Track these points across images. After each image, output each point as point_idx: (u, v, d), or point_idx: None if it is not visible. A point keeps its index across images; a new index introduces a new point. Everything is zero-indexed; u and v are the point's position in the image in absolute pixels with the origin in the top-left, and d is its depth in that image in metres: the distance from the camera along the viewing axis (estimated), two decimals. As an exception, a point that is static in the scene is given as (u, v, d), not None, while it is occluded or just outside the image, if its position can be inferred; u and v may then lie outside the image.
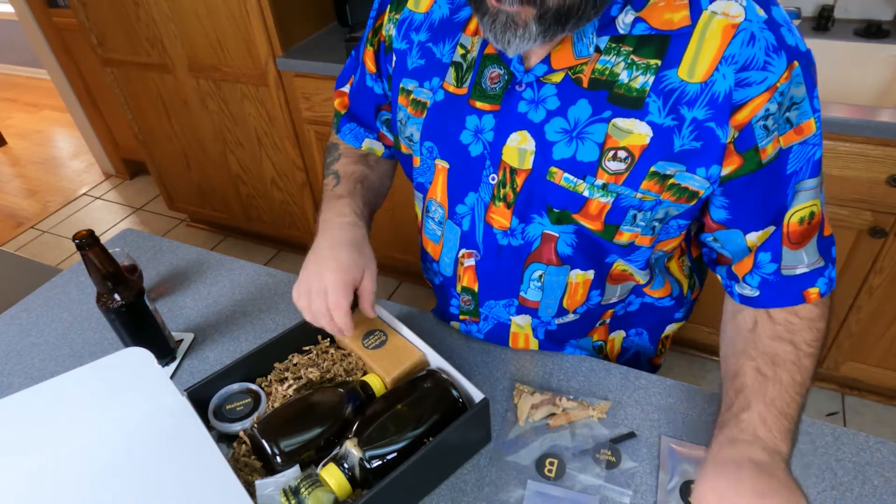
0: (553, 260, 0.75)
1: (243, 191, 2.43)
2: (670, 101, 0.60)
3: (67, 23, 2.67)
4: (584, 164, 0.65)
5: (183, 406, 0.74)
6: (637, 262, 0.76)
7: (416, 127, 0.77)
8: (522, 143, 0.68)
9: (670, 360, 1.96)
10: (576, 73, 0.64)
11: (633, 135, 0.62)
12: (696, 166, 0.62)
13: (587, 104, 0.64)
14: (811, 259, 0.68)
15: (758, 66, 0.57)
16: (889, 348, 1.59)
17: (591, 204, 0.67)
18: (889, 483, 0.69)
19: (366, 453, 0.67)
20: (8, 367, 0.94)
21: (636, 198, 0.65)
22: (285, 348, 0.83)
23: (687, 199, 0.66)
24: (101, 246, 0.80)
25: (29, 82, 4.70)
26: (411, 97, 0.77)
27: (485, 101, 0.70)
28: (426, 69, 0.75)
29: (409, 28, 0.76)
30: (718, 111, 0.59)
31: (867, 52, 1.57)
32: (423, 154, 0.78)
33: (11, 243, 2.95)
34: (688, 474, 0.70)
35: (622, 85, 0.62)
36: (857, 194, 1.37)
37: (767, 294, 0.70)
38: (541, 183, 0.69)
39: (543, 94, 0.66)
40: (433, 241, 0.85)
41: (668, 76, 0.60)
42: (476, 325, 0.89)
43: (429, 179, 0.80)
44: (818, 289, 0.69)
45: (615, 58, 0.62)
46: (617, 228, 0.69)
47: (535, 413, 0.78)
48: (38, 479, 0.70)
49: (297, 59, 1.87)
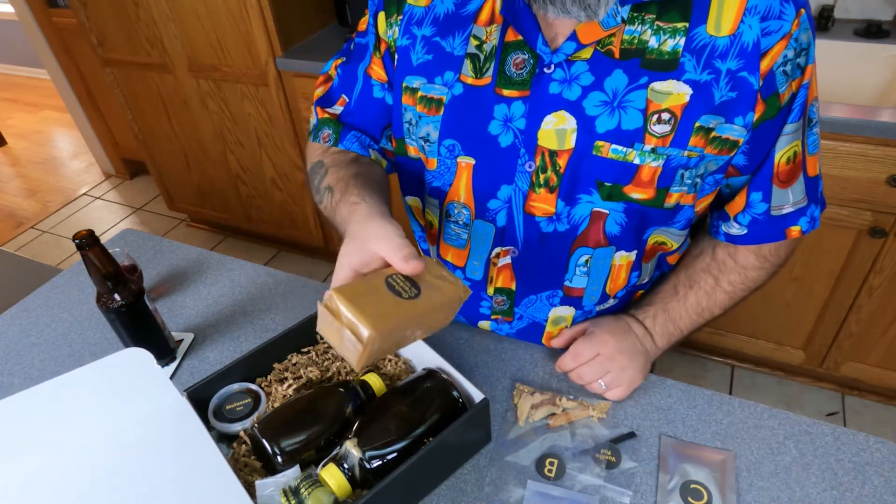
0: (601, 241, 0.76)
1: (243, 191, 2.43)
2: (703, 56, 0.63)
3: (67, 23, 2.67)
4: (630, 132, 0.66)
5: (183, 406, 0.74)
6: (679, 223, 0.77)
7: (433, 126, 0.75)
8: (560, 124, 0.68)
9: (670, 360, 1.96)
10: (605, 47, 0.65)
11: (673, 95, 0.64)
12: (734, 115, 0.64)
13: (622, 73, 0.65)
14: (796, 198, 0.73)
15: (774, 15, 0.61)
16: (889, 348, 1.59)
17: (642, 171, 0.68)
18: (889, 483, 0.69)
19: (366, 453, 0.67)
20: (8, 367, 0.94)
21: (684, 155, 0.67)
22: (285, 348, 0.83)
23: (728, 150, 0.67)
24: (101, 246, 0.80)
25: (29, 82, 4.70)
26: (419, 95, 0.75)
27: (512, 88, 0.69)
28: (435, 64, 0.73)
29: (409, 23, 0.74)
30: (749, 60, 0.62)
31: (867, 52, 1.57)
32: (442, 154, 0.76)
33: (11, 243, 2.95)
34: (688, 474, 0.70)
35: (653, 50, 0.64)
36: (857, 194, 1.37)
37: (753, 232, 0.76)
38: (587, 159, 0.69)
39: (575, 72, 0.66)
40: (457, 246, 0.84)
41: (699, 33, 0.62)
42: (509, 325, 0.89)
43: (448, 181, 0.78)
44: (800, 227, 0.75)
45: (640, 26, 0.64)
46: (667, 191, 0.70)
47: (535, 413, 0.78)
48: (38, 479, 0.70)
49: (297, 59, 1.87)
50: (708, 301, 0.81)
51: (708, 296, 0.81)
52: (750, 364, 1.91)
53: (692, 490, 0.69)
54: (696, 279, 0.81)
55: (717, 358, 1.95)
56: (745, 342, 1.77)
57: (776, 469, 0.71)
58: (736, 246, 0.79)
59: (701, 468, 0.71)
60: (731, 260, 0.79)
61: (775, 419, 0.76)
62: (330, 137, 0.84)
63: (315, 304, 0.98)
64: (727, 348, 1.83)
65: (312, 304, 0.99)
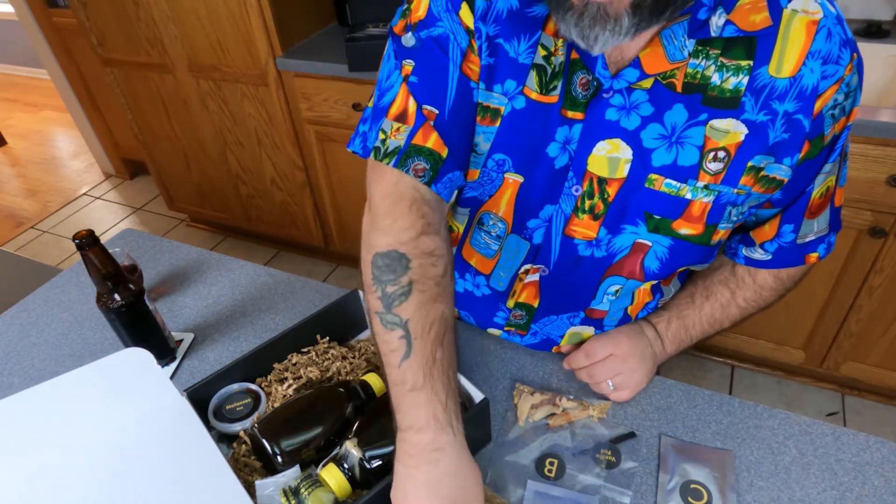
0: (635, 273, 0.75)
1: (243, 191, 2.43)
2: (762, 96, 0.62)
3: (67, 23, 2.67)
4: (686, 168, 0.65)
5: (183, 406, 0.74)
6: (710, 260, 0.78)
7: (485, 137, 0.70)
8: (614, 152, 0.66)
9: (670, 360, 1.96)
10: (667, 79, 0.62)
11: (731, 134, 0.63)
12: (784, 156, 0.64)
13: (683, 108, 0.63)
14: (820, 227, 0.73)
15: (833, 60, 0.60)
16: (889, 348, 1.59)
17: (693, 206, 0.67)
18: (889, 483, 0.69)
19: (366, 453, 0.67)
20: (8, 367, 0.94)
21: (734, 193, 0.66)
22: (285, 348, 0.83)
23: (773, 188, 0.67)
24: (101, 246, 0.80)
25: (29, 82, 4.70)
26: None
27: (576, 110, 0.66)
28: (497, 69, 0.66)
29: (475, 17, 0.64)
30: (806, 103, 0.61)
31: (867, 52, 1.56)
32: (489, 166, 0.72)
33: (11, 243, 2.95)
34: (688, 474, 0.70)
35: (715, 87, 0.62)
36: (857, 194, 1.37)
37: (777, 259, 0.75)
38: (638, 191, 0.67)
39: (635, 101, 0.64)
40: (484, 255, 0.81)
41: (761, 73, 0.61)
42: (521, 337, 0.87)
43: (489, 192, 0.74)
44: (817, 253, 0.75)
45: (705, 61, 0.61)
46: (715, 228, 0.70)
47: (535, 413, 0.78)
48: (38, 479, 0.70)
49: (297, 59, 1.87)
50: (721, 314, 0.81)
51: (723, 308, 0.81)
52: (750, 364, 1.91)
53: (692, 490, 0.69)
54: (713, 291, 0.81)
55: (717, 358, 1.95)
56: (745, 342, 1.77)
57: (776, 469, 0.71)
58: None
59: (701, 468, 0.71)
60: (749, 278, 0.79)
61: (775, 419, 0.76)
62: (425, 173, 0.66)
63: (314, 304, 0.98)
64: (727, 348, 1.83)
65: (312, 304, 0.99)
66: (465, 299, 0.89)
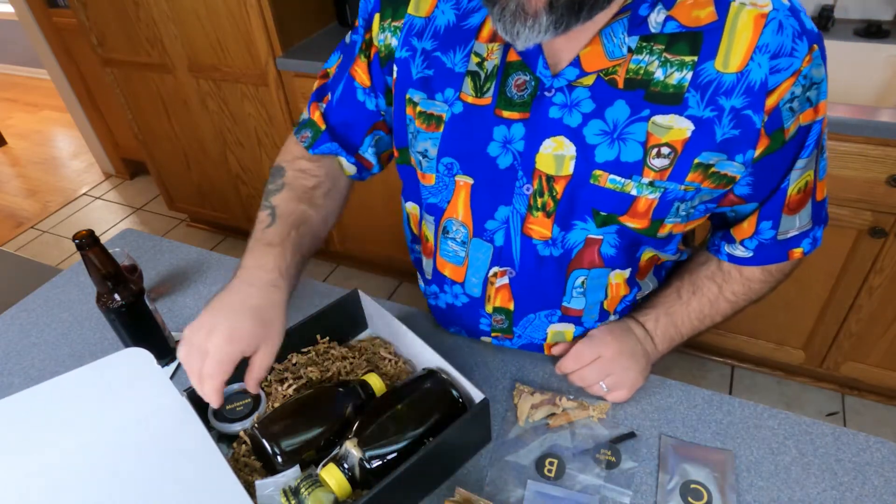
0: (595, 262, 0.75)
1: (243, 191, 2.43)
2: (708, 92, 0.61)
3: (67, 23, 2.67)
4: (630, 164, 0.65)
5: (183, 406, 0.74)
6: (671, 249, 0.78)
7: (431, 143, 0.74)
8: (559, 149, 0.67)
9: (670, 360, 1.95)
10: (608, 75, 0.63)
11: (674, 130, 0.63)
12: (736, 153, 0.64)
13: (625, 105, 0.64)
14: (802, 223, 0.73)
15: (786, 53, 0.59)
16: (889, 348, 1.59)
17: (639, 202, 0.67)
18: (889, 483, 0.69)
19: (366, 453, 0.67)
20: (8, 367, 0.94)
21: (681, 189, 0.66)
22: (285, 348, 0.83)
23: (725, 184, 0.67)
24: (101, 246, 0.80)
25: (29, 82, 4.70)
26: (418, 110, 0.74)
27: (512, 110, 0.68)
28: (435, 80, 0.71)
29: (409, 34, 0.72)
30: (755, 98, 0.61)
31: (867, 52, 1.57)
32: (440, 171, 0.75)
33: (11, 243, 2.95)
34: (688, 474, 0.70)
35: (658, 83, 0.62)
36: (857, 194, 1.37)
37: (759, 255, 0.76)
38: (584, 187, 0.68)
39: (577, 98, 0.65)
40: (454, 262, 0.82)
41: (706, 69, 0.61)
42: (509, 341, 0.88)
43: (446, 198, 0.77)
44: (802, 249, 0.75)
45: (648, 56, 0.62)
46: (662, 222, 0.70)
47: (535, 413, 0.78)
48: (38, 479, 0.70)
49: (297, 59, 1.87)
50: (710, 308, 0.81)
51: (711, 304, 0.81)
52: (750, 364, 1.91)
53: (692, 490, 0.69)
54: (700, 286, 0.81)
55: (717, 358, 1.95)
56: (745, 342, 1.77)
57: (776, 469, 0.71)
58: None
59: (701, 468, 0.71)
60: (736, 272, 0.79)
61: (775, 419, 0.76)
62: (307, 139, 0.84)
63: (314, 304, 0.98)
64: (727, 348, 1.83)
65: (312, 304, 0.99)
66: (450, 313, 0.90)
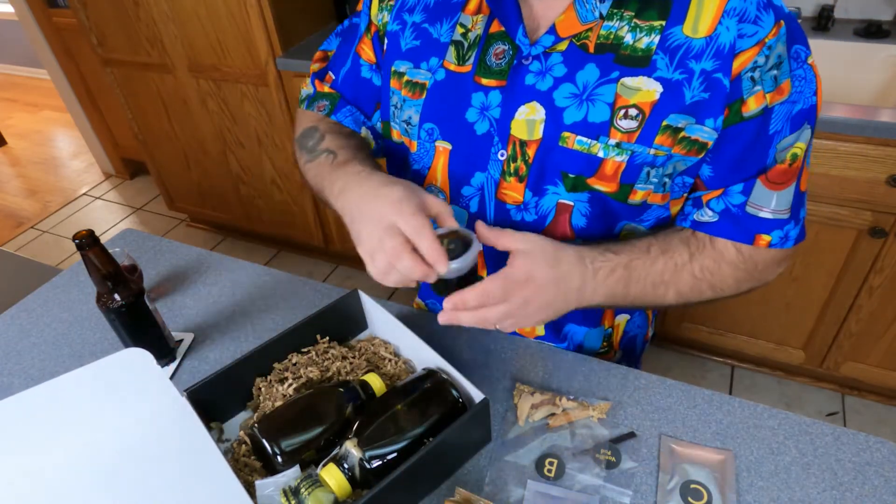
0: (567, 233, 0.76)
1: (243, 191, 2.43)
2: (677, 56, 0.63)
3: (67, 23, 2.67)
4: (596, 124, 0.67)
5: (183, 406, 0.74)
6: (647, 221, 0.77)
7: (415, 109, 0.77)
8: (531, 114, 0.69)
9: (670, 360, 1.96)
10: (580, 40, 0.67)
11: (642, 91, 0.65)
12: (705, 117, 0.65)
13: (595, 67, 0.66)
14: (779, 206, 0.70)
15: (750, 20, 0.61)
16: (889, 348, 1.59)
17: (606, 164, 0.68)
18: (889, 483, 0.69)
19: (366, 453, 0.67)
20: (8, 367, 0.94)
21: (650, 153, 0.67)
22: (285, 348, 0.83)
23: (696, 151, 0.67)
24: (101, 246, 0.80)
25: (29, 82, 4.70)
26: (405, 79, 0.77)
27: (490, 78, 0.71)
28: (422, 49, 0.76)
29: (401, 9, 0.77)
30: (724, 62, 0.62)
31: (867, 52, 1.57)
32: (422, 137, 0.78)
33: (11, 243, 2.95)
34: (688, 474, 0.70)
35: (628, 46, 0.65)
36: (857, 194, 1.37)
37: (724, 223, 0.72)
38: (553, 150, 0.70)
39: (550, 64, 0.68)
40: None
41: (674, 33, 0.63)
42: None
43: (427, 164, 0.80)
44: (770, 238, 0.71)
45: (618, 22, 0.65)
46: (631, 188, 0.70)
47: (535, 413, 0.78)
48: (39, 479, 0.70)
49: (297, 59, 1.87)
50: (671, 276, 0.72)
51: (676, 270, 0.72)
52: (750, 364, 1.91)
53: (692, 490, 0.69)
54: (672, 247, 0.73)
55: (717, 358, 1.95)
56: (745, 342, 1.77)
57: (776, 469, 0.71)
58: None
59: (701, 468, 0.71)
60: (708, 241, 0.73)
61: (775, 419, 0.76)
62: (325, 108, 0.87)
63: (314, 304, 0.98)
64: (727, 348, 1.83)
65: (312, 304, 0.99)
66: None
